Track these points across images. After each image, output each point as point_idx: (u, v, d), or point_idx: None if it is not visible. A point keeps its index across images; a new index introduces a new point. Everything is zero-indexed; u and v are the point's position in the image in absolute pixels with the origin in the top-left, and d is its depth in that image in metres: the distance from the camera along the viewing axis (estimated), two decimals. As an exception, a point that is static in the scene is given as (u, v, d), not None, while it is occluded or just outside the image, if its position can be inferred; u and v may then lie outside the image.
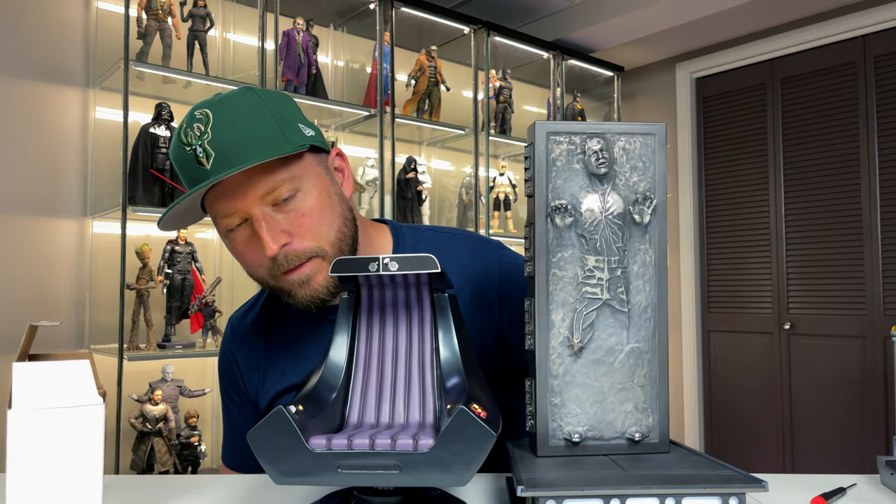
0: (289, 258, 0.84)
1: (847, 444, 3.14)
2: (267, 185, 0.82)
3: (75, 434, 0.64)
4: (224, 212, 0.84)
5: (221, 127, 0.82)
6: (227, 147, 0.81)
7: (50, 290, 2.34)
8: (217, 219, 0.86)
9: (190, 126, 0.84)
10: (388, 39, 2.89)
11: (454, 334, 0.71)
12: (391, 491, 0.65)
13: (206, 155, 0.82)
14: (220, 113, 0.83)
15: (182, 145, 0.84)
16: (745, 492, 0.58)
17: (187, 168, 0.84)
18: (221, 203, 0.84)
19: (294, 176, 0.84)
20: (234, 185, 0.82)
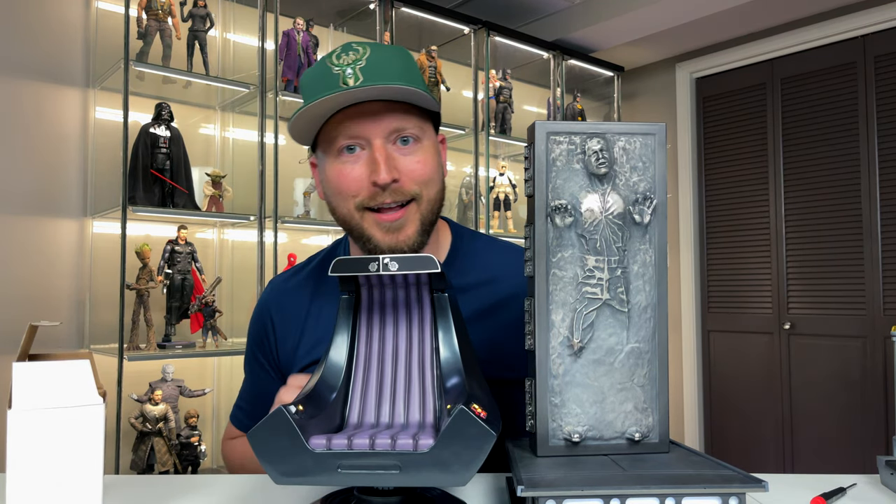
0: (393, 192, 0.87)
1: (847, 444, 3.13)
2: (399, 121, 0.87)
3: (75, 434, 0.64)
4: (351, 132, 0.87)
5: (376, 60, 0.86)
6: (377, 74, 0.85)
7: (50, 290, 2.34)
8: (337, 138, 0.88)
9: (345, 52, 0.87)
10: (388, 39, 2.89)
11: (454, 334, 0.71)
12: (391, 491, 0.65)
13: (354, 76, 0.85)
14: (378, 51, 0.88)
15: (329, 65, 0.87)
16: (745, 492, 0.58)
17: (326, 84, 0.85)
18: (352, 123, 0.86)
19: (421, 127, 0.90)
20: (371, 110, 0.86)
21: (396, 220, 0.88)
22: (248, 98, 2.62)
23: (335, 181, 0.90)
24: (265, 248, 2.51)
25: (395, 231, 0.89)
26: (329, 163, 0.91)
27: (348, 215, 0.90)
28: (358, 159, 0.88)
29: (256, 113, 2.56)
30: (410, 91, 0.85)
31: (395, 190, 0.87)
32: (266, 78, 2.56)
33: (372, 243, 0.89)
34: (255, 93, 2.55)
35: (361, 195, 0.88)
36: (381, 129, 0.87)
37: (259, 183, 2.52)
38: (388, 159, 0.87)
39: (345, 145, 0.88)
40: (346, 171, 0.89)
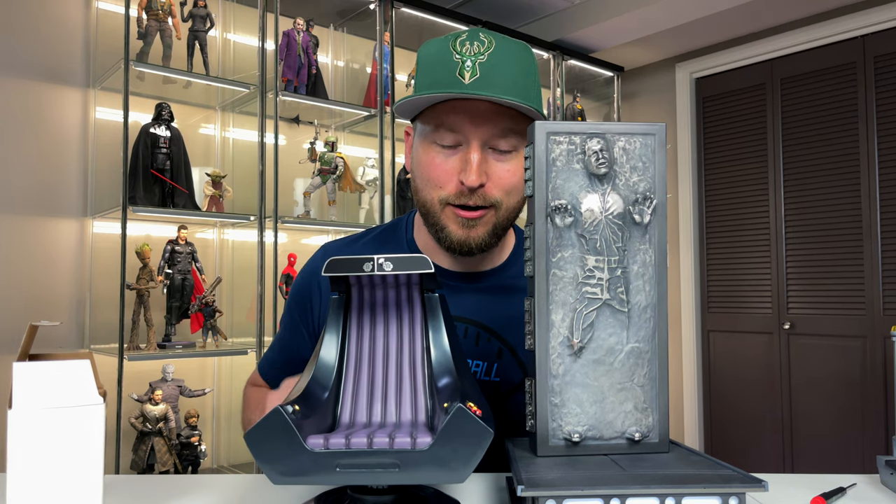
0: (476, 196, 0.89)
1: (847, 444, 3.13)
2: (501, 128, 0.88)
3: (75, 434, 0.64)
4: (452, 126, 0.88)
5: (499, 58, 0.86)
6: (494, 76, 0.85)
7: (50, 290, 2.34)
8: (438, 128, 0.89)
9: (470, 41, 0.87)
10: (389, 39, 2.89)
11: (444, 334, 0.71)
12: (385, 490, 0.65)
13: (471, 71, 0.85)
14: (504, 47, 0.88)
15: (451, 51, 0.87)
16: (744, 492, 0.58)
17: (442, 72, 0.87)
18: (456, 118, 0.88)
19: (520, 139, 0.90)
20: (478, 110, 0.87)
21: (473, 218, 0.91)
22: (249, 98, 2.62)
23: (425, 167, 0.92)
24: (265, 248, 2.51)
25: (469, 228, 0.91)
26: (424, 145, 0.92)
27: (430, 203, 0.93)
28: (453, 154, 0.90)
29: (256, 113, 2.56)
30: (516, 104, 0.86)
31: (480, 194, 0.90)
32: (266, 78, 2.56)
33: (445, 233, 0.92)
34: (255, 93, 2.55)
35: (447, 190, 0.90)
36: (483, 131, 0.88)
37: (259, 183, 2.52)
38: (482, 164, 0.88)
39: (444, 140, 0.90)
40: (437, 162, 0.90)
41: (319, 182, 2.71)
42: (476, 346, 0.96)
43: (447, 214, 0.92)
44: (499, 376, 0.95)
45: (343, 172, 2.77)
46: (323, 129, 2.89)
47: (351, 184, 2.82)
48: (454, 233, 0.92)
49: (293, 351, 1.04)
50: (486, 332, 0.96)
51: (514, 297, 0.97)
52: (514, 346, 0.96)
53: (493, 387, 0.95)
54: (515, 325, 0.95)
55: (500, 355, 0.96)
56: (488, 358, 0.96)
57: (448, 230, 0.92)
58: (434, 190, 0.91)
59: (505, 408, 0.94)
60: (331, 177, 2.72)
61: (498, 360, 0.96)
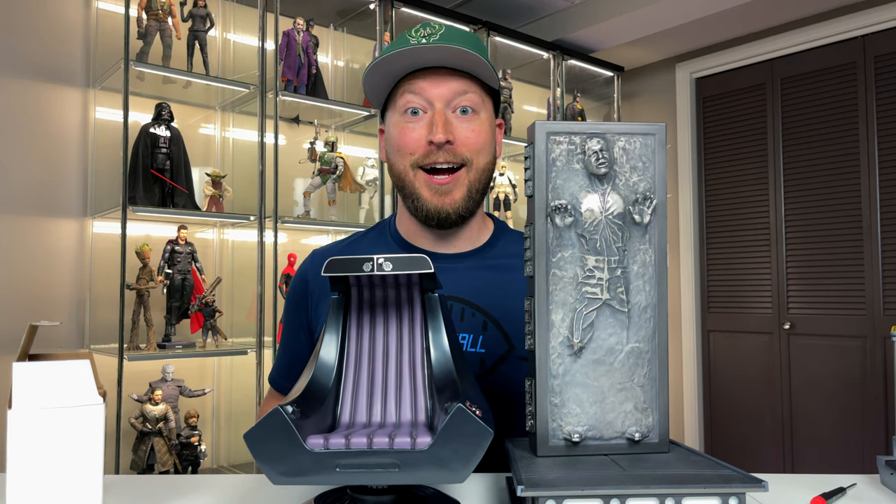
0: (446, 153, 0.96)
1: (847, 444, 3.13)
2: (461, 88, 0.96)
3: (75, 434, 0.64)
4: (414, 90, 0.96)
5: (449, 33, 0.96)
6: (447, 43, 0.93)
7: (50, 290, 2.34)
8: (403, 95, 0.97)
9: (422, 27, 0.97)
10: (388, 39, 2.89)
11: (444, 334, 0.71)
12: (384, 490, 0.65)
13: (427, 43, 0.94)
14: (453, 28, 0.98)
15: (405, 37, 0.96)
16: (744, 492, 0.58)
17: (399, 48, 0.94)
18: (419, 83, 0.96)
19: (480, 101, 0.99)
20: (437, 76, 0.96)
21: (445, 184, 0.96)
22: (248, 98, 2.62)
23: (396, 138, 0.99)
24: (265, 248, 2.51)
25: (443, 194, 0.97)
26: (394, 122, 1.00)
27: (403, 172, 0.98)
28: (419, 121, 0.97)
29: (256, 113, 2.56)
30: (473, 56, 0.94)
31: (448, 150, 0.95)
32: (266, 78, 2.56)
33: (420, 202, 0.98)
34: (255, 93, 2.55)
35: (417, 153, 0.97)
36: (444, 92, 0.96)
37: (259, 183, 2.52)
38: (446, 123, 0.95)
39: (409, 105, 0.97)
40: (407, 130, 0.97)
41: (319, 182, 2.71)
42: (461, 321, 1.00)
43: (420, 181, 0.97)
44: (484, 348, 1.00)
45: (343, 172, 2.77)
46: (323, 129, 2.89)
47: (351, 184, 2.82)
48: (429, 200, 0.97)
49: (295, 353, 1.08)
50: (471, 307, 1.01)
51: (496, 275, 1.03)
52: (498, 320, 1.01)
53: (478, 357, 1.00)
54: (498, 300, 1.01)
55: (484, 328, 1.00)
56: (474, 331, 1.00)
57: (423, 199, 0.97)
58: (405, 157, 0.98)
59: (491, 379, 0.99)
60: (331, 177, 2.72)
61: (483, 333, 1.00)
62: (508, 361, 0.99)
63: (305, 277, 1.08)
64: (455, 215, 0.98)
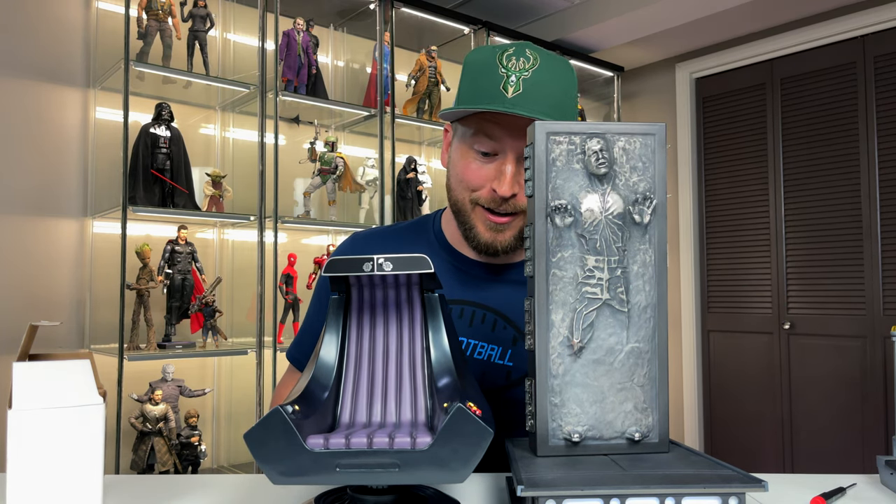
0: (507, 204, 0.95)
1: (847, 444, 3.13)
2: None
3: (75, 434, 0.64)
4: (491, 135, 0.93)
5: (542, 76, 0.92)
6: (536, 93, 0.91)
7: (50, 290, 2.34)
8: (477, 135, 0.95)
9: (516, 56, 0.93)
10: (388, 39, 2.89)
11: (444, 334, 0.71)
12: (384, 490, 0.65)
13: (515, 86, 0.91)
14: (548, 65, 0.93)
15: (497, 64, 0.92)
16: (744, 492, 0.58)
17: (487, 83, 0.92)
18: (496, 129, 0.93)
19: None
20: (516, 124, 0.92)
21: (503, 223, 0.96)
22: (248, 98, 2.62)
23: (461, 170, 0.97)
24: (265, 248, 2.51)
25: (498, 232, 0.97)
26: (462, 149, 0.98)
27: (462, 202, 0.98)
28: (489, 162, 0.95)
29: (256, 113, 2.56)
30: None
31: (511, 203, 0.95)
32: (266, 78, 2.55)
33: (473, 232, 0.98)
34: (255, 93, 2.55)
35: (480, 195, 0.96)
36: (519, 145, 0.93)
37: (259, 183, 2.52)
38: (515, 175, 0.93)
39: (481, 148, 0.95)
40: (473, 167, 0.96)
41: (319, 182, 2.71)
42: (492, 332, 1.00)
43: (477, 214, 0.97)
44: (512, 361, 1.00)
45: (343, 172, 2.77)
46: (323, 129, 2.89)
47: (351, 184, 2.82)
48: (482, 234, 0.97)
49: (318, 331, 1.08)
50: (503, 319, 1.01)
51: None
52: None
53: (505, 370, 1.00)
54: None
55: (514, 343, 1.01)
56: (503, 343, 1.00)
57: (477, 230, 0.98)
58: (466, 192, 0.97)
59: (513, 392, 0.99)
60: (331, 177, 2.72)
61: (512, 347, 1.00)
62: None
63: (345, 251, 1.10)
64: (503, 252, 0.99)
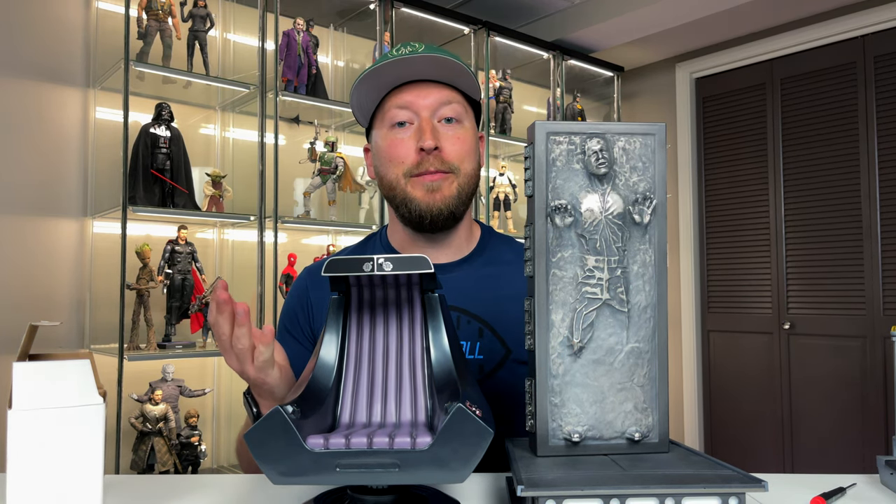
0: (434, 159, 1.00)
1: (847, 444, 3.13)
2: (445, 98, 1.01)
3: (75, 434, 0.64)
4: (401, 103, 1.01)
5: (432, 49, 1.00)
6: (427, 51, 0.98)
7: (50, 290, 2.34)
8: (391, 109, 1.02)
9: (403, 46, 1.01)
10: (388, 39, 2.89)
11: (444, 334, 0.71)
12: (384, 490, 0.65)
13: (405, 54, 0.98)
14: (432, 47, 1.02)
15: (389, 55, 1.00)
16: (744, 492, 0.58)
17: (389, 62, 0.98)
18: (405, 95, 1.01)
19: (464, 111, 1.04)
20: (422, 88, 1.01)
21: (435, 180, 1.00)
22: (249, 98, 2.62)
23: (386, 150, 1.03)
24: (265, 248, 2.51)
25: (434, 191, 1.00)
26: (382, 136, 1.04)
27: (395, 181, 1.02)
28: (407, 131, 1.01)
29: (256, 113, 2.56)
30: (458, 66, 0.99)
31: (437, 157, 1.00)
32: (266, 78, 2.56)
33: (413, 204, 1.01)
34: (255, 93, 2.55)
35: (408, 162, 1.01)
36: (429, 102, 1.00)
37: (259, 183, 2.52)
38: (434, 130, 1.00)
39: (396, 118, 1.01)
40: (396, 141, 1.02)
41: (319, 182, 2.71)
42: (458, 329, 1.03)
43: (412, 185, 1.01)
44: (482, 354, 1.03)
45: (343, 172, 2.77)
46: (323, 129, 2.89)
47: (351, 184, 2.82)
48: (422, 199, 1.01)
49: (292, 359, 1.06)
50: (466, 315, 1.04)
51: (487, 281, 1.07)
52: (493, 325, 1.03)
53: (477, 364, 1.02)
54: (492, 305, 1.04)
55: (481, 334, 1.03)
56: (471, 338, 1.03)
57: (416, 200, 1.01)
58: (397, 167, 1.02)
59: (490, 384, 1.02)
60: (331, 177, 2.72)
61: (480, 340, 1.03)
62: (506, 366, 1.02)
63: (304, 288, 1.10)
64: (447, 211, 1.01)
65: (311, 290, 1.10)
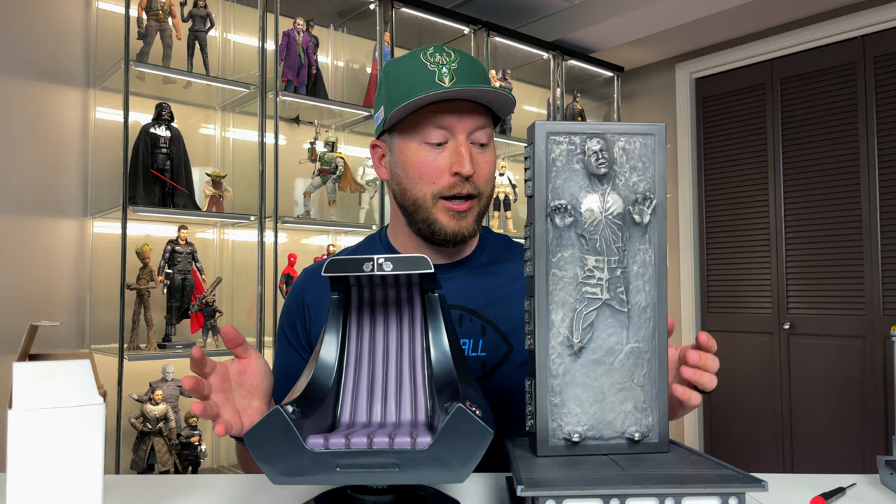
0: (468, 185, 0.99)
1: (847, 444, 3.13)
2: (480, 123, 1.00)
3: (75, 434, 0.64)
4: (440, 124, 0.98)
5: (467, 64, 0.99)
6: (470, 77, 0.98)
7: (50, 290, 2.34)
8: (425, 128, 0.99)
9: (437, 52, 0.99)
10: (388, 40, 2.89)
11: (444, 334, 0.71)
12: (384, 490, 0.65)
13: (449, 75, 0.97)
14: (464, 58, 1.01)
15: (423, 62, 0.98)
16: (744, 491, 0.58)
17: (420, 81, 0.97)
18: (443, 116, 0.98)
19: (492, 135, 1.04)
20: (460, 109, 0.98)
21: (464, 210, 1.01)
22: (249, 98, 2.62)
23: (417, 167, 1.00)
24: (265, 248, 2.51)
25: (461, 219, 1.01)
26: (413, 149, 1.00)
27: (422, 199, 1.01)
28: (442, 151, 0.99)
29: (256, 113, 2.56)
30: (498, 93, 0.97)
31: (471, 183, 0.99)
32: (266, 78, 2.56)
33: (438, 226, 1.01)
34: (255, 93, 2.55)
35: (440, 184, 0.99)
36: (468, 126, 0.99)
37: (259, 183, 2.52)
38: (472, 156, 0.99)
39: (433, 138, 0.99)
40: (427, 161, 0.99)
41: (319, 182, 2.71)
42: (460, 327, 1.04)
43: (439, 208, 1.00)
44: (484, 351, 1.03)
45: (343, 172, 2.77)
46: (323, 129, 2.89)
47: (351, 184, 2.82)
48: (447, 225, 1.00)
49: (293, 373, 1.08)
50: (469, 313, 1.04)
51: (488, 279, 1.08)
52: (495, 322, 1.04)
53: (479, 361, 1.03)
54: (493, 303, 1.05)
55: (483, 331, 1.04)
56: (473, 335, 1.04)
57: (440, 223, 1.01)
58: (427, 186, 0.99)
59: (492, 380, 1.02)
60: (331, 177, 2.72)
61: (483, 337, 1.04)
62: (509, 362, 1.02)
63: (301, 293, 1.10)
64: (469, 237, 1.03)
65: (308, 293, 1.10)
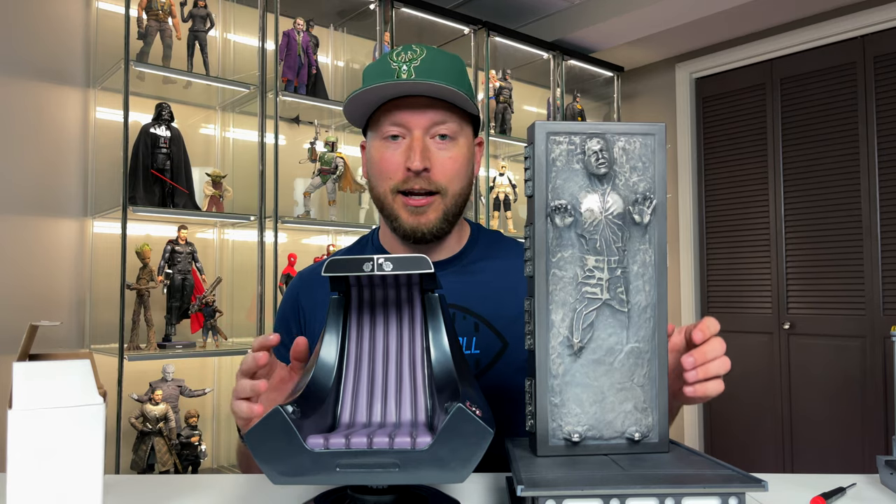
0: (421, 180, 0.99)
1: (847, 444, 3.13)
2: (440, 117, 0.99)
3: (75, 434, 0.64)
4: (395, 119, 0.99)
5: (430, 61, 0.98)
6: (431, 73, 0.97)
7: (50, 289, 2.34)
8: (383, 125, 1.00)
9: (404, 51, 0.99)
10: (388, 40, 2.89)
11: (444, 334, 0.71)
12: (385, 490, 0.65)
13: (408, 73, 0.97)
14: (434, 53, 1.00)
15: (388, 60, 0.99)
16: (744, 491, 0.58)
17: (382, 75, 0.98)
18: (399, 112, 0.99)
19: (459, 128, 1.02)
20: (416, 104, 0.98)
21: (420, 205, 1.00)
22: (249, 98, 2.62)
23: (377, 163, 1.02)
24: (265, 248, 2.51)
25: (419, 215, 1.00)
26: (374, 146, 1.03)
27: (383, 195, 1.02)
28: (398, 146, 1.00)
29: (256, 113, 2.56)
30: (452, 91, 0.96)
31: (424, 178, 0.99)
32: (266, 78, 2.55)
33: (398, 222, 1.01)
34: (255, 93, 2.55)
35: (396, 178, 1.00)
36: (423, 121, 0.98)
37: (259, 183, 2.52)
38: (424, 150, 0.98)
39: (389, 133, 1.00)
40: (386, 156, 1.00)
41: (319, 182, 2.71)
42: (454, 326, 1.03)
43: (398, 203, 1.01)
44: (478, 348, 1.03)
45: (343, 172, 2.77)
46: (323, 129, 2.89)
47: (351, 184, 2.82)
48: (405, 220, 1.01)
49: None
50: (461, 311, 1.04)
51: (479, 277, 1.07)
52: (488, 319, 1.04)
53: (473, 358, 1.03)
54: (485, 300, 1.05)
55: (476, 329, 1.04)
56: (466, 333, 1.03)
57: (400, 219, 1.01)
58: (385, 181, 1.01)
59: (487, 378, 1.02)
60: (331, 177, 2.72)
61: (476, 335, 1.03)
62: (503, 359, 1.02)
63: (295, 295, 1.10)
64: (430, 234, 1.02)
65: (302, 295, 1.10)
